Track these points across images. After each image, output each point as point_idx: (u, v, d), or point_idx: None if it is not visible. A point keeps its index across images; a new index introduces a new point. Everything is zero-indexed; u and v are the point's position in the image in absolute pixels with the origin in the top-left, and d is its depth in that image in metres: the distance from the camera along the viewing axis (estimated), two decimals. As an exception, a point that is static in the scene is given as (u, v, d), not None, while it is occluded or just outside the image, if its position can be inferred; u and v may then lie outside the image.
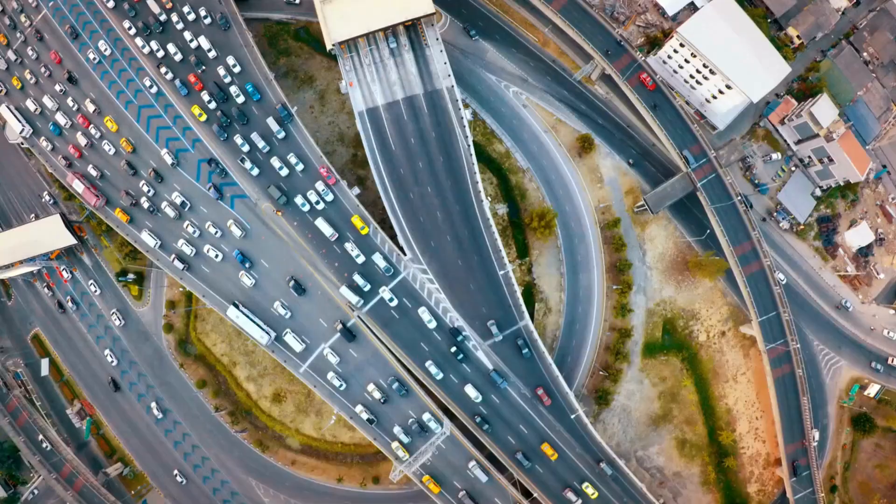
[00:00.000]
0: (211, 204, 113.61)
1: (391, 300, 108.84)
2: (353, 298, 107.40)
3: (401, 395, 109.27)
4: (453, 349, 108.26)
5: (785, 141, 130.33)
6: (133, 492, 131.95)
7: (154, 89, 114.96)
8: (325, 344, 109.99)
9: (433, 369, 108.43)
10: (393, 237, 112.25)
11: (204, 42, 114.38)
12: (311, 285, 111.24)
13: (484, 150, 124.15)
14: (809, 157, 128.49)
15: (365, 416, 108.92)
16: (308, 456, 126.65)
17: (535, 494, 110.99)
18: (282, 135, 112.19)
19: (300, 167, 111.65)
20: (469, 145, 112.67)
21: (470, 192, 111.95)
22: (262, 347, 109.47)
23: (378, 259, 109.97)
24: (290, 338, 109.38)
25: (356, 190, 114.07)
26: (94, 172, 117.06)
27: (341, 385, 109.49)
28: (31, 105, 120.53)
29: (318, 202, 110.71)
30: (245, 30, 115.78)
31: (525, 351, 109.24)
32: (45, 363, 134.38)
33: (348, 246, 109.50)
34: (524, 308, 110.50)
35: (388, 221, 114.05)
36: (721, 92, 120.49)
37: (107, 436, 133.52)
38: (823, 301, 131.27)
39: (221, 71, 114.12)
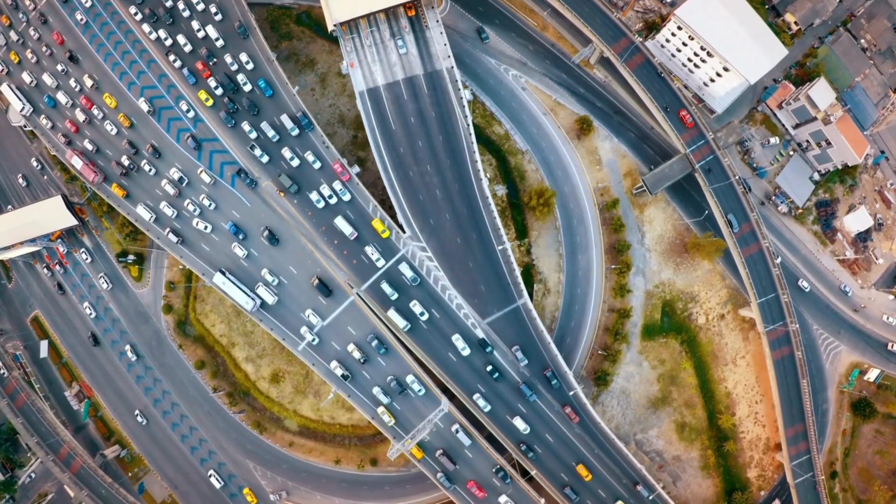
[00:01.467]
0: (210, 180, 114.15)
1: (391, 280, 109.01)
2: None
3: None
4: (489, 368, 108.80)
5: (783, 125, 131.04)
6: (130, 474, 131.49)
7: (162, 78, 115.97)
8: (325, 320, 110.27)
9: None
10: (393, 216, 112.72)
11: (212, 31, 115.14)
12: (311, 262, 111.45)
13: (483, 132, 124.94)
14: (807, 141, 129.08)
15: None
16: (306, 438, 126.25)
17: (533, 474, 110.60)
18: (295, 132, 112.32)
19: (317, 164, 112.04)
20: (469, 125, 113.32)
21: (469, 171, 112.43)
22: (249, 314, 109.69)
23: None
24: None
25: (356, 169, 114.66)
26: (90, 147, 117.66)
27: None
28: (26, 77, 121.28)
29: (330, 196, 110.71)
30: (257, 33, 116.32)
31: (521, 357, 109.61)
32: (43, 345, 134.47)
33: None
34: (523, 286, 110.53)
35: (388, 202, 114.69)
36: (719, 75, 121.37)
37: (105, 418, 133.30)
38: (823, 285, 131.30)
39: (229, 60, 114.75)
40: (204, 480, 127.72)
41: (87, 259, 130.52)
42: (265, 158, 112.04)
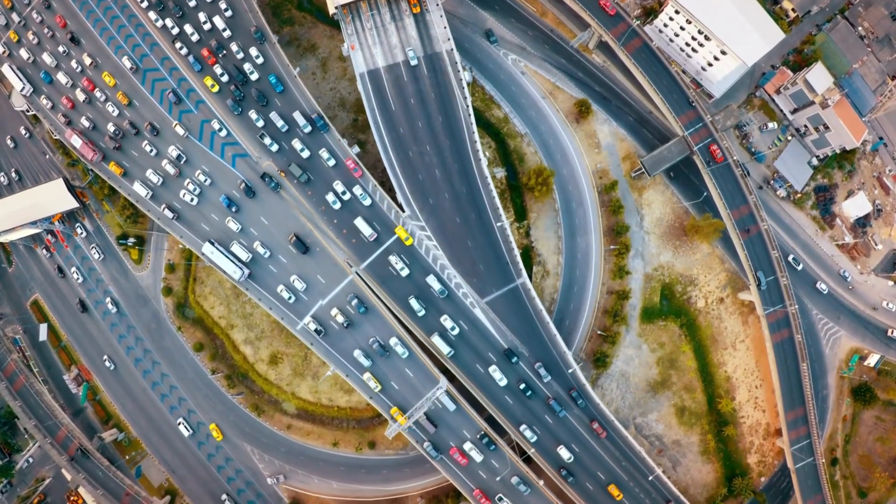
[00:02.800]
0: (211, 160, 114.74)
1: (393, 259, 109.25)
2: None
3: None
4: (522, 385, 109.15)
5: (781, 110, 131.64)
6: (127, 457, 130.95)
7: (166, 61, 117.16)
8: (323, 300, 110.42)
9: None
10: (392, 196, 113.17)
11: (219, 22, 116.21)
12: (311, 241, 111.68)
13: (482, 116, 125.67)
14: (805, 125, 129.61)
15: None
16: (304, 420, 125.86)
17: (531, 454, 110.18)
18: (308, 129, 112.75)
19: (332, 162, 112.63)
20: (468, 106, 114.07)
21: (468, 151, 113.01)
22: (236, 283, 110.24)
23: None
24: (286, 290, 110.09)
25: (356, 149, 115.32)
26: (86, 124, 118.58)
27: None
28: (24, 54, 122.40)
29: (344, 194, 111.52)
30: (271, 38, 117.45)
31: (545, 373, 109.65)
32: (43, 328, 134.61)
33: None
34: (522, 266, 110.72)
35: (388, 184, 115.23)
36: (716, 58, 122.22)
37: (103, 401, 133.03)
38: (822, 270, 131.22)
39: (237, 51, 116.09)
40: (202, 464, 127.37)
41: (87, 242, 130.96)
42: (274, 147, 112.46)
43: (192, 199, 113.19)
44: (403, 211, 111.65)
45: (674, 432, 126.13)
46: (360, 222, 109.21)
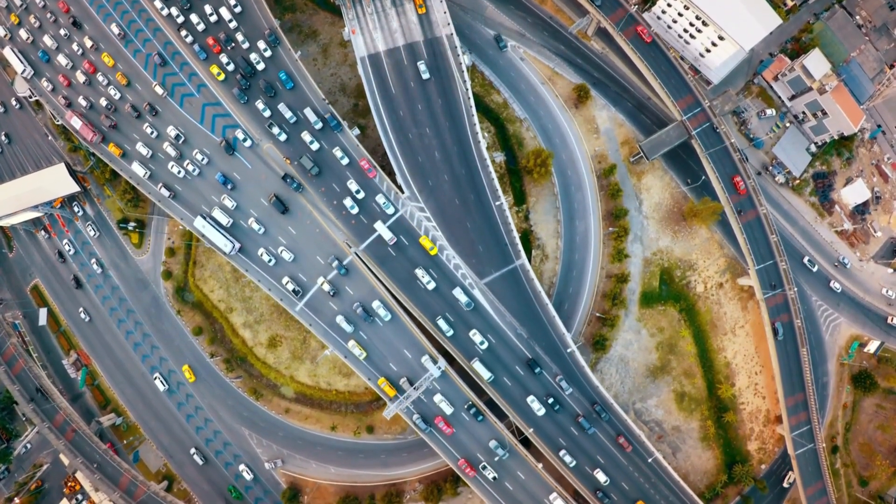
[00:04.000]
0: (209, 140, 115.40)
1: (390, 239, 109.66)
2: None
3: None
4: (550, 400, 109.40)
5: (779, 97, 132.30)
6: (125, 442, 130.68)
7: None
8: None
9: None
10: (392, 177, 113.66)
11: (225, 13, 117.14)
12: (310, 223, 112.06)
13: (482, 101, 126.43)
14: (803, 112, 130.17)
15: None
16: (302, 405, 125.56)
17: (527, 434, 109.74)
18: (319, 125, 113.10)
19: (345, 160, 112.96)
20: (468, 89, 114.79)
21: (468, 133, 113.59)
22: (226, 257, 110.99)
23: (378, 197, 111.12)
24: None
25: (356, 131, 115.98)
26: (83, 103, 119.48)
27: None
28: (23, 34, 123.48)
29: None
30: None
31: (566, 385, 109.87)
32: (42, 312, 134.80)
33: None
34: (520, 247, 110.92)
35: (389, 168, 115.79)
36: (714, 44, 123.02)
37: (101, 386, 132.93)
38: (821, 257, 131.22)
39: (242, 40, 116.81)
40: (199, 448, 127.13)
41: (88, 227, 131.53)
42: (283, 136, 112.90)
43: (194, 170, 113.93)
44: (403, 192, 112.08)
45: (673, 418, 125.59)
46: (379, 225, 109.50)
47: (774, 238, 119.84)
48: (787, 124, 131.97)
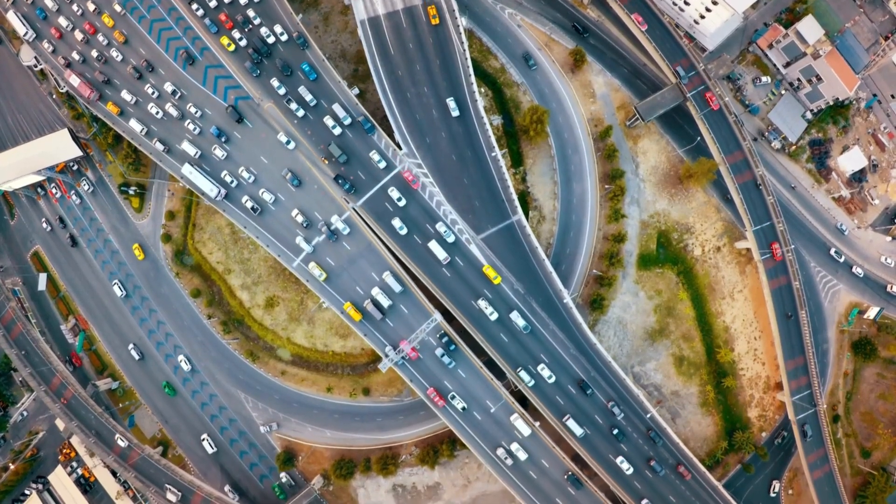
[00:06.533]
0: (208, 99, 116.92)
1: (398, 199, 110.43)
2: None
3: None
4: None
5: (774, 65, 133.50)
6: (121, 406, 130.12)
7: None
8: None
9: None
10: (391, 135, 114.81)
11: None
12: (308, 179, 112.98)
13: (479, 66, 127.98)
14: (798, 79, 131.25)
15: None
16: (298, 367, 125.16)
17: (531, 399, 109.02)
18: (348, 121, 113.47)
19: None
20: (465, 49, 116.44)
21: (465, 91, 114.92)
22: (211, 203, 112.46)
23: (374, 154, 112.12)
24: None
25: (355, 90, 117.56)
26: (76, 57, 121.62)
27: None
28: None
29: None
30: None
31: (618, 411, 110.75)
32: (42, 277, 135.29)
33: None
34: (517, 202, 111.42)
35: (389, 127, 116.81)
36: (708, 10, 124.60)
37: (99, 351, 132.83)
38: (819, 223, 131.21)
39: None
40: (195, 413, 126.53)
41: (89, 191, 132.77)
42: (300, 112, 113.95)
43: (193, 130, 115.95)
44: (401, 149, 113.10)
45: (672, 382, 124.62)
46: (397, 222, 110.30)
47: (771, 199, 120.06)
48: (783, 91, 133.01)
